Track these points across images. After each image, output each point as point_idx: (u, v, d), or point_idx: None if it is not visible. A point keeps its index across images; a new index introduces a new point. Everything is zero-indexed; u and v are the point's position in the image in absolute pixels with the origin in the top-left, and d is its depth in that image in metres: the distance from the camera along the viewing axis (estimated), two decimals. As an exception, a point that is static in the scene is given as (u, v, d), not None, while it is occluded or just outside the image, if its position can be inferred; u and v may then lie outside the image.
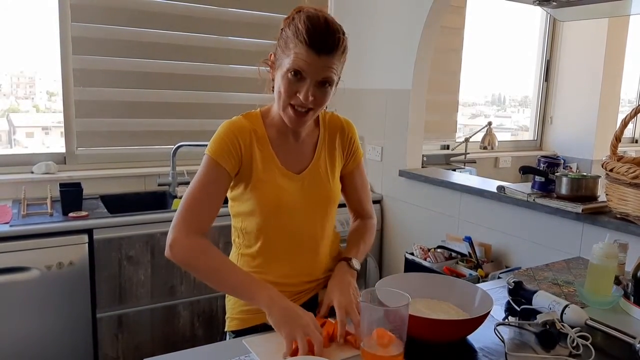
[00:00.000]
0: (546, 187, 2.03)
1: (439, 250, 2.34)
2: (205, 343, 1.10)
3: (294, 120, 1.16)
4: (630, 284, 1.24)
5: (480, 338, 1.09)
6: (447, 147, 3.57)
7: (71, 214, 2.13)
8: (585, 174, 2.01)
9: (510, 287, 1.28)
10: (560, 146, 3.91)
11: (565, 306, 1.13)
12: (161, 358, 0.99)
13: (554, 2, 2.05)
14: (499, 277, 1.77)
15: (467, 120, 4.02)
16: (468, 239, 2.26)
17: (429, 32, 2.57)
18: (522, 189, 2.10)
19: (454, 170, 3.14)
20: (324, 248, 1.30)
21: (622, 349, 1.05)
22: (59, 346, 2.08)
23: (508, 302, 1.27)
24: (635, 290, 1.22)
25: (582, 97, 3.70)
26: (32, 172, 2.47)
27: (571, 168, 3.70)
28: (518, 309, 1.22)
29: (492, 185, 2.29)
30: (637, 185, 1.62)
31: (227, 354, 1.03)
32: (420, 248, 2.36)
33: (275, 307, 1.07)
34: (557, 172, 2.00)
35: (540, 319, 1.08)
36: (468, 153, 3.44)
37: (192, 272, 1.21)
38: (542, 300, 1.18)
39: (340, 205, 1.35)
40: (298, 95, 1.11)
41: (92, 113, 2.58)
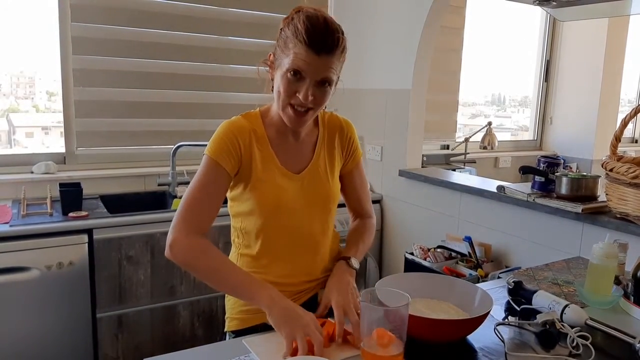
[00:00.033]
0: (546, 187, 2.03)
1: (439, 250, 2.34)
2: (205, 343, 1.10)
3: (293, 120, 1.16)
4: (630, 283, 1.24)
5: (480, 338, 1.09)
6: (447, 147, 3.57)
7: (71, 214, 2.13)
8: (585, 173, 2.01)
9: (510, 287, 1.28)
10: (560, 146, 3.91)
11: (565, 306, 1.13)
12: (161, 358, 0.99)
13: (554, 2, 2.05)
14: (499, 277, 1.77)
15: (467, 120, 4.02)
16: (468, 239, 2.26)
17: (429, 32, 2.57)
18: (522, 189, 2.10)
19: (454, 170, 3.14)
20: (323, 248, 1.30)
21: (622, 349, 1.05)
22: (59, 346, 2.08)
23: (508, 302, 1.27)
24: (635, 290, 1.22)
25: (582, 97, 3.70)
26: (32, 172, 2.47)
27: (571, 168, 3.69)
28: (518, 308, 1.22)
29: (492, 185, 2.29)
30: (637, 185, 1.62)
31: (227, 354, 1.03)
32: (420, 248, 2.36)
33: (276, 307, 1.07)
34: (557, 172, 2.00)
35: (540, 318, 1.08)
36: (468, 153, 3.44)
37: (192, 272, 1.21)
38: (542, 300, 1.18)
39: (340, 205, 1.35)
40: (298, 95, 1.11)
41: (92, 113, 2.58)
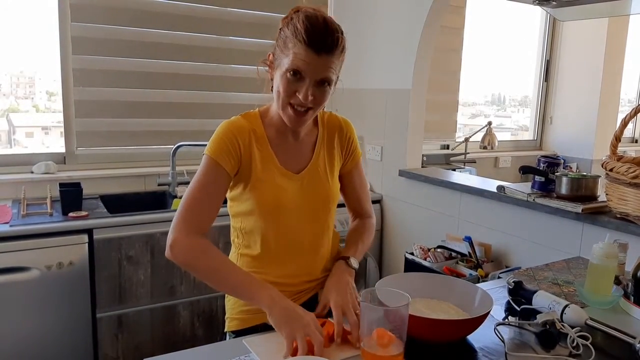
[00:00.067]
0: (546, 187, 2.02)
1: (439, 250, 2.34)
2: (205, 343, 1.10)
3: (293, 120, 1.16)
4: (630, 283, 1.24)
5: (480, 338, 1.09)
6: (447, 147, 3.57)
7: (71, 214, 2.13)
8: (585, 173, 2.01)
9: (510, 287, 1.28)
10: (560, 146, 3.91)
11: (565, 306, 1.13)
12: (161, 358, 0.99)
13: (554, 2, 2.05)
14: (499, 277, 1.77)
15: (467, 120, 4.02)
16: (468, 239, 2.26)
17: (429, 32, 2.57)
18: (522, 188, 2.10)
19: (454, 170, 3.14)
20: (323, 247, 1.30)
21: (622, 349, 1.05)
22: (59, 346, 2.08)
23: (508, 302, 1.27)
24: (635, 290, 1.22)
25: (582, 97, 3.70)
26: (32, 172, 2.47)
27: (571, 168, 3.69)
28: (518, 308, 1.22)
29: (492, 185, 2.29)
30: (637, 185, 1.62)
31: (227, 354, 1.03)
32: (420, 248, 2.36)
33: (276, 307, 1.07)
34: (557, 172, 2.00)
35: (540, 318, 1.08)
36: (468, 153, 3.44)
37: (193, 272, 1.21)
38: (542, 300, 1.18)
39: (339, 205, 1.35)
40: (297, 95, 1.11)
41: (92, 113, 2.58)
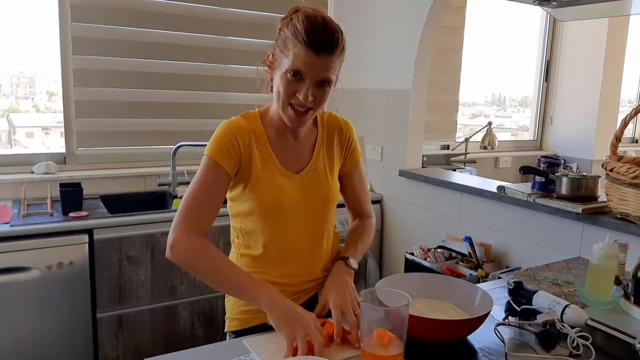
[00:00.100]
0: (546, 187, 2.02)
1: (439, 250, 2.34)
2: (205, 343, 1.10)
3: (293, 120, 1.16)
4: (630, 284, 1.24)
5: (480, 338, 1.09)
6: (447, 147, 3.57)
7: (71, 214, 2.13)
8: (585, 174, 2.01)
9: (510, 287, 1.28)
10: (560, 146, 3.91)
11: (566, 306, 1.13)
12: (161, 358, 0.99)
13: (554, 2, 2.05)
14: (499, 277, 1.77)
15: (467, 120, 4.02)
16: (468, 239, 2.26)
17: (429, 32, 2.57)
18: (522, 189, 2.10)
19: (454, 170, 3.14)
20: (323, 247, 1.30)
21: (622, 349, 1.05)
22: (59, 346, 2.08)
23: (508, 302, 1.27)
24: (635, 290, 1.22)
25: (582, 97, 3.69)
26: (32, 172, 2.47)
27: (571, 168, 3.69)
28: (518, 309, 1.22)
29: (492, 185, 2.29)
30: (637, 185, 1.62)
31: (227, 354, 1.03)
32: (420, 248, 2.36)
33: (277, 307, 1.07)
34: (557, 172, 2.00)
35: (540, 319, 1.08)
36: (468, 153, 3.44)
37: (193, 272, 1.21)
38: (542, 300, 1.18)
39: (339, 205, 1.35)
40: (297, 95, 1.12)
41: (92, 113, 2.58)
